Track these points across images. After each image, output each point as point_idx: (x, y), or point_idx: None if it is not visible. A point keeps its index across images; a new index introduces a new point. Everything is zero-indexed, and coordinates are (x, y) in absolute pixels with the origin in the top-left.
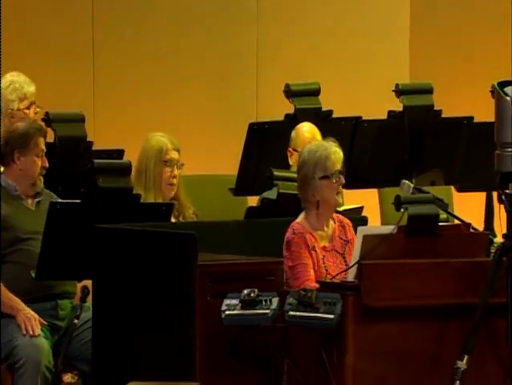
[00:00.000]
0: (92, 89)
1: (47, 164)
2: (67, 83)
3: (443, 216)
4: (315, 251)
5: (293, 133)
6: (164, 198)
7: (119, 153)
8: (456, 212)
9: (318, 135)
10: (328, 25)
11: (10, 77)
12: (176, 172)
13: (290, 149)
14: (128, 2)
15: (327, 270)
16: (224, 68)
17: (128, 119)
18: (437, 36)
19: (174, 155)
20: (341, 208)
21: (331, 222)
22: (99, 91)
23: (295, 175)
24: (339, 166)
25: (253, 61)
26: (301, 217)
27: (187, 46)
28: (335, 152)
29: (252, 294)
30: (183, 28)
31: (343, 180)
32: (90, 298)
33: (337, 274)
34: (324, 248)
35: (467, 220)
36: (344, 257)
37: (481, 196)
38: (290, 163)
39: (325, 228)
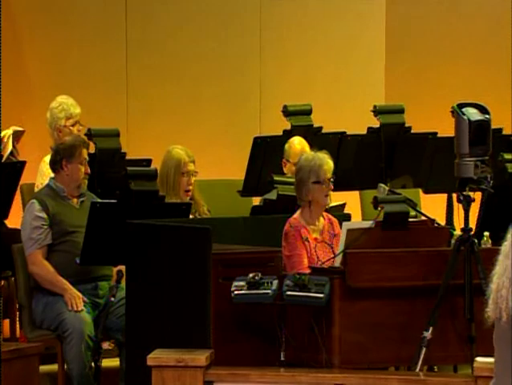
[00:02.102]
0: (126, 110)
1: (89, 171)
2: (105, 105)
3: (412, 213)
4: (308, 242)
5: (286, 146)
6: (181, 200)
7: (148, 162)
8: (423, 210)
9: (307, 147)
10: (319, 56)
11: (60, 99)
12: (191, 180)
13: (284, 160)
14: (156, 38)
15: (318, 258)
16: (232, 92)
17: (155, 134)
18: (408, 65)
19: (190, 167)
20: (327, 206)
21: (322, 219)
22: (132, 111)
23: (292, 180)
24: (329, 175)
25: (257, 86)
26: (297, 214)
27: (202, 74)
28: (328, 163)
29: (256, 277)
30: (199, 59)
31: (332, 187)
32: (124, 280)
33: (325, 261)
34: (316, 239)
35: (432, 216)
36: (332, 248)
37: (443, 197)
38: (285, 171)
39: (316, 223)
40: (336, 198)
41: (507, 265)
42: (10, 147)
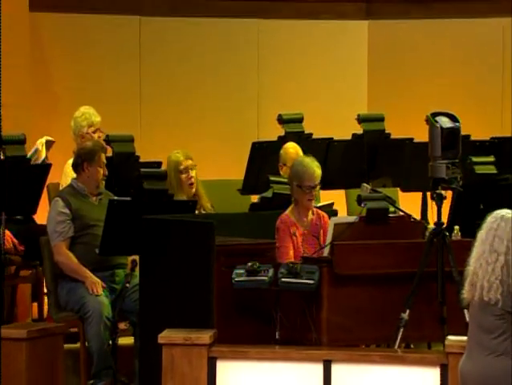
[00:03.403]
0: (139, 119)
1: (107, 172)
2: (121, 115)
3: (392, 209)
4: (296, 236)
5: (282, 152)
6: (188, 195)
7: (158, 164)
8: (401, 207)
9: (300, 151)
10: (309, 72)
11: (83, 109)
12: (192, 173)
13: (281, 164)
14: (166, 58)
15: (304, 251)
16: (233, 103)
17: (164, 140)
18: (388, 80)
19: (187, 162)
20: (318, 204)
21: (310, 214)
22: (144, 120)
23: (285, 180)
24: (311, 183)
25: (255, 98)
26: (288, 210)
27: (207, 88)
28: (314, 172)
29: (254, 266)
30: (204, 76)
31: (313, 194)
32: (137, 268)
33: (315, 252)
34: (303, 234)
35: (409, 212)
36: (318, 239)
37: (418, 195)
38: (281, 174)
39: (304, 219)
40: (324, 196)
41: (483, 250)
42: (43, 155)
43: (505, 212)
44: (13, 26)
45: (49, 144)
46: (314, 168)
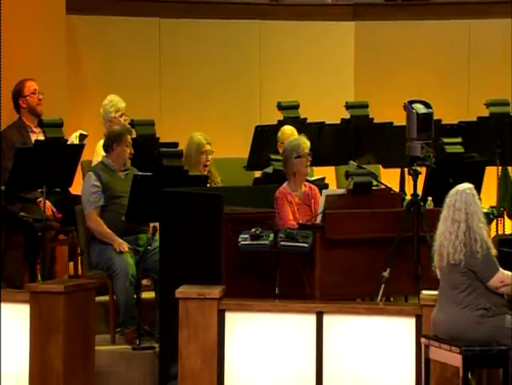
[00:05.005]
0: (159, 105)
1: (132, 151)
2: (144, 101)
3: (374, 183)
4: (292, 204)
5: (279, 133)
6: (201, 172)
7: (175, 144)
8: (382, 181)
9: (295, 132)
10: (305, 66)
11: (110, 97)
12: (208, 157)
13: (279, 143)
14: (183, 51)
15: (299, 218)
16: (238, 93)
17: (180, 123)
18: (371, 72)
19: (208, 147)
20: (311, 178)
21: (303, 187)
22: (164, 106)
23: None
24: (306, 151)
25: (257, 87)
26: (285, 184)
27: (216, 81)
28: (304, 143)
29: (257, 232)
30: (214, 70)
31: (310, 158)
32: (157, 234)
33: (309, 219)
34: (298, 203)
35: (389, 185)
36: (310, 207)
37: (397, 171)
38: (280, 152)
39: (299, 190)
40: (317, 172)
41: (446, 225)
42: None
43: (460, 186)
44: (51, 26)
45: (82, 138)
46: (305, 140)
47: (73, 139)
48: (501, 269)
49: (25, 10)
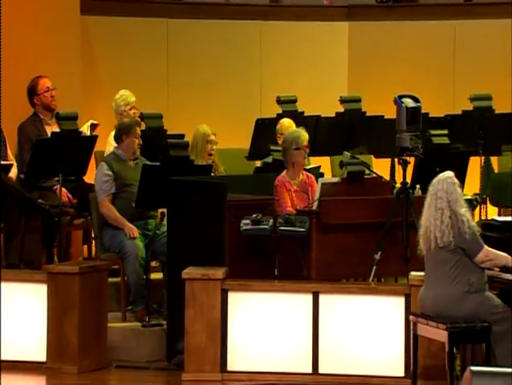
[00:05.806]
0: (167, 100)
1: (141, 142)
2: (152, 96)
3: (367, 172)
4: (290, 191)
5: (278, 125)
6: (206, 161)
7: (182, 136)
8: (374, 170)
9: (293, 124)
10: (303, 63)
11: (121, 92)
12: (213, 147)
13: (278, 134)
14: (189, 51)
15: (297, 205)
16: (241, 89)
17: (186, 116)
18: (364, 68)
19: (212, 137)
20: (308, 167)
21: (301, 175)
22: (171, 100)
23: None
24: (305, 143)
25: (258, 84)
26: (283, 172)
27: (220, 77)
28: (304, 135)
29: (258, 217)
30: (218, 67)
31: (308, 151)
32: (165, 219)
33: (306, 206)
34: (296, 190)
35: (380, 174)
36: (307, 194)
37: (388, 161)
38: (279, 142)
39: (297, 178)
40: (313, 161)
41: (429, 212)
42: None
43: (441, 174)
44: (67, 27)
45: (93, 127)
46: (304, 132)
47: (84, 128)
48: (486, 246)
49: (42, 12)
